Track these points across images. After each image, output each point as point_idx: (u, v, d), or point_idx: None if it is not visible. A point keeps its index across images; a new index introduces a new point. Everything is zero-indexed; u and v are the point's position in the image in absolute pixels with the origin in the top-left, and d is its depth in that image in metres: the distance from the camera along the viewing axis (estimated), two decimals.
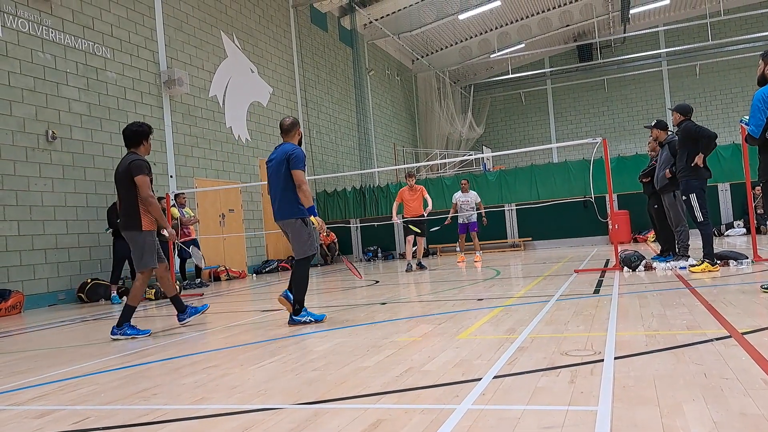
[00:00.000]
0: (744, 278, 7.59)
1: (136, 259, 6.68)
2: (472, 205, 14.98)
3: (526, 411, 2.85)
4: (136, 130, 6.69)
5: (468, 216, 14.94)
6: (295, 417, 3.07)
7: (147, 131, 6.73)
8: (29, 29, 11.92)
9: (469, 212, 14.92)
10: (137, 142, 6.69)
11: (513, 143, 35.20)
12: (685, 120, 8.75)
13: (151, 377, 4.41)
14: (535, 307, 6.30)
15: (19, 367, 5.29)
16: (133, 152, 6.68)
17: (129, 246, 6.77)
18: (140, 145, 6.71)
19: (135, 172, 6.43)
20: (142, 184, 6.43)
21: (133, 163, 6.47)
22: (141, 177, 6.43)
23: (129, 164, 6.49)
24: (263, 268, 17.86)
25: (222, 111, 17.41)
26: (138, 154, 6.65)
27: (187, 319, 7.14)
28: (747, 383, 2.99)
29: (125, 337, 6.41)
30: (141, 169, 6.45)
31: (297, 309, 6.28)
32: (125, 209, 6.58)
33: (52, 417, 3.45)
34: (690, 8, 31.91)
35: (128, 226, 6.58)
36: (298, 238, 6.37)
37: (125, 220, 6.60)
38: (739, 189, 17.83)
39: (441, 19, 28.12)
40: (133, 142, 6.69)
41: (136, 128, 6.71)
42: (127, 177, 6.48)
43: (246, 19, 18.93)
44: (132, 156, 6.60)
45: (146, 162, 6.59)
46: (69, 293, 12.24)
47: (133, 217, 6.52)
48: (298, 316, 6.29)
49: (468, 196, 15.04)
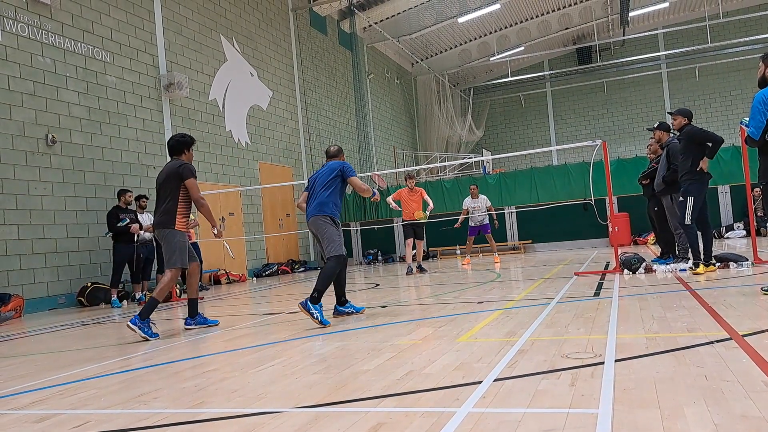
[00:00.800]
0: (744, 280, 7.59)
1: (167, 257, 6.92)
2: (483, 210, 15.02)
3: (527, 414, 2.84)
4: (179, 140, 7.15)
5: (480, 219, 15.02)
6: (296, 421, 3.07)
7: (189, 141, 7.21)
8: (29, 33, 11.93)
9: (481, 216, 14.99)
10: (180, 151, 7.13)
11: (513, 146, 35.21)
12: (688, 124, 8.73)
13: (151, 381, 4.40)
14: (535, 309, 6.30)
15: (19, 371, 5.29)
16: (177, 159, 7.11)
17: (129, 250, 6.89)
18: (183, 154, 7.14)
19: (186, 175, 6.85)
20: (193, 186, 6.86)
21: (183, 167, 6.89)
22: (192, 180, 6.86)
23: (179, 167, 6.89)
24: (263, 272, 17.85)
25: (222, 114, 17.42)
26: (182, 160, 7.09)
27: (193, 327, 7.18)
28: (748, 386, 2.99)
29: (140, 332, 6.51)
30: (192, 173, 6.90)
31: (315, 297, 6.34)
32: (165, 209, 6.89)
33: (52, 421, 3.45)
34: (689, 11, 31.95)
35: (163, 224, 6.88)
36: (327, 239, 6.74)
37: (161, 218, 6.90)
38: (739, 191, 17.84)
39: (440, 22, 28.14)
40: (176, 151, 7.13)
41: (179, 138, 7.18)
42: (176, 178, 6.87)
43: (245, 23, 18.95)
44: (179, 161, 7.02)
45: (194, 167, 7.03)
46: (69, 297, 12.23)
47: (170, 217, 6.85)
48: (312, 305, 6.33)
49: (478, 201, 15.07)
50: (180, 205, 6.88)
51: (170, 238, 6.84)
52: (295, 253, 20.52)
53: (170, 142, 7.21)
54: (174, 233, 6.84)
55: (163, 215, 6.89)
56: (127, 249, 11.85)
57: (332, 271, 6.64)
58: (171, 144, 7.19)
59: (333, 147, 7.45)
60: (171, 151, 7.20)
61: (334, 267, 6.67)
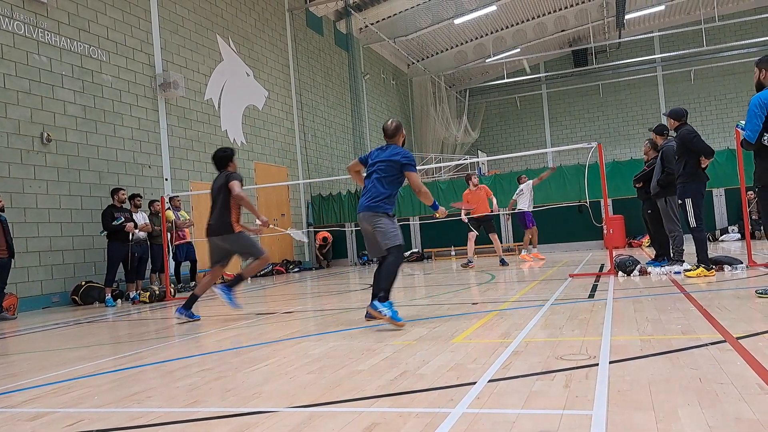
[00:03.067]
0: (739, 283, 7.61)
1: (247, 252, 7.85)
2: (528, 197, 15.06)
3: (521, 415, 2.85)
4: (222, 155, 7.85)
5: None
6: (290, 420, 3.06)
7: (230, 155, 7.88)
8: (25, 31, 11.90)
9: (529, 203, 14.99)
10: (225, 163, 7.82)
11: (508, 147, 35.22)
12: (681, 125, 8.72)
13: (145, 380, 4.39)
14: (530, 311, 6.30)
15: (12, 370, 5.27)
16: (224, 171, 7.77)
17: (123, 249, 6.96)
18: (228, 165, 7.82)
19: (232, 178, 7.53)
20: (236, 185, 7.49)
21: (231, 174, 7.62)
22: (235, 182, 7.51)
23: (227, 176, 7.59)
24: (258, 272, 17.77)
25: (217, 114, 17.40)
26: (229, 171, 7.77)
27: (183, 317, 7.70)
28: (742, 388, 2.99)
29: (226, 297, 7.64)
30: (237, 177, 7.62)
31: (383, 296, 5.93)
32: (219, 217, 7.58)
33: (45, 420, 3.43)
34: (685, 14, 32.02)
35: (222, 230, 7.57)
36: (383, 231, 6.26)
37: (218, 227, 7.59)
38: (734, 194, 17.88)
39: (437, 23, 28.15)
40: (222, 164, 7.83)
41: (222, 153, 7.87)
42: (226, 187, 7.53)
43: (242, 23, 18.93)
44: (227, 172, 7.72)
45: (240, 175, 7.75)
46: (63, 296, 12.20)
47: (226, 223, 7.55)
48: (383, 303, 5.88)
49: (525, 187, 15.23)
50: (233, 212, 7.57)
51: (240, 240, 7.63)
52: (290, 253, 20.50)
53: (215, 158, 7.88)
54: (239, 235, 7.61)
55: (219, 224, 7.56)
56: (122, 248, 11.82)
57: (395, 266, 6.19)
58: (216, 159, 7.86)
59: (391, 123, 6.61)
60: (218, 166, 7.86)
61: (396, 261, 6.20)
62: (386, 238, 6.24)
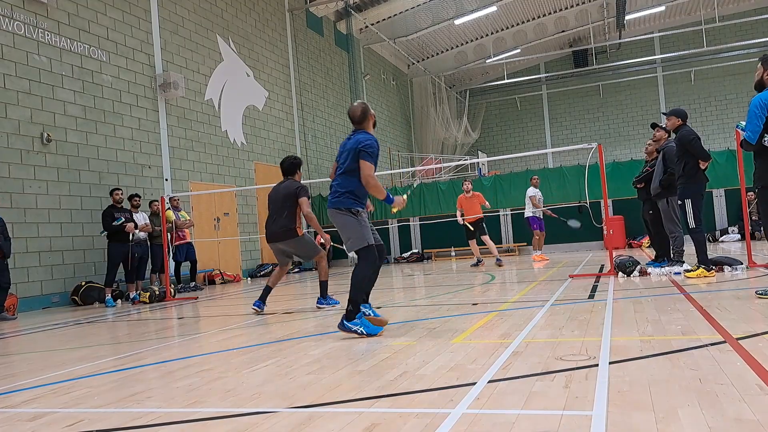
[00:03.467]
0: (738, 284, 7.61)
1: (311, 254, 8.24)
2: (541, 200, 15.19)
3: (521, 415, 2.84)
4: (292, 162, 8.13)
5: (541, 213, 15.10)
6: (290, 420, 3.06)
7: (299, 163, 8.21)
8: (25, 32, 11.90)
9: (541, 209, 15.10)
10: (293, 171, 8.11)
11: (508, 148, 35.21)
12: (682, 125, 8.70)
13: (145, 380, 4.39)
14: (529, 311, 6.30)
15: (12, 370, 5.27)
16: (290, 179, 8.08)
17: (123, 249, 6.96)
18: (295, 174, 8.12)
19: (302, 194, 7.88)
20: (305, 203, 7.88)
21: (301, 189, 7.92)
22: (305, 198, 7.89)
23: (297, 189, 7.89)
24: (258, 272, 17.82)
25: (217, 115, 17.39)
26: (296, 181, 8.07)
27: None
28: (742, 389, 2.99)
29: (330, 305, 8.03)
30: (306, 192, 7.98)
31: (350, 312, 5.38)
32: (285, 223, 7.91)
33: (45, 420, 3.43)
34: (685, 14, 32.03)
35: (288, 235, 7.94)
36: (344, 230, 5.67)
37: (284, 232, 7.94)
38: (734, 195, 17.89)
39: (437, 24, 28.15)
40: (290, 172, 8.11)
41: (293, 160, 8.16)
42: (293, 197, 7.87)
43: (242, 23, 18.93)
44: (295, 183, 8.01)
45: (307, 187, 8.14)
46: (63, 296, 12.20)
47: (292, 228, 7.93)
48: (350, 322, 5.37)
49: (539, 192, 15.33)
50: (297, 218, 7.97)
51: (304, 242, 8.08)
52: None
53: (284, 164, 8.14)
54: (303, 238, 8.05)
55: (285, 230, 7.91)
56: (122, 248, 11.82)
57: (363, 275, 5.52)
58: (286, 166, 8.12)
59: (357, 108, 5.97)
60: (286, 172, 8.12)
61: (364, 267, 5.54)
62: (350, 239, 5.63)
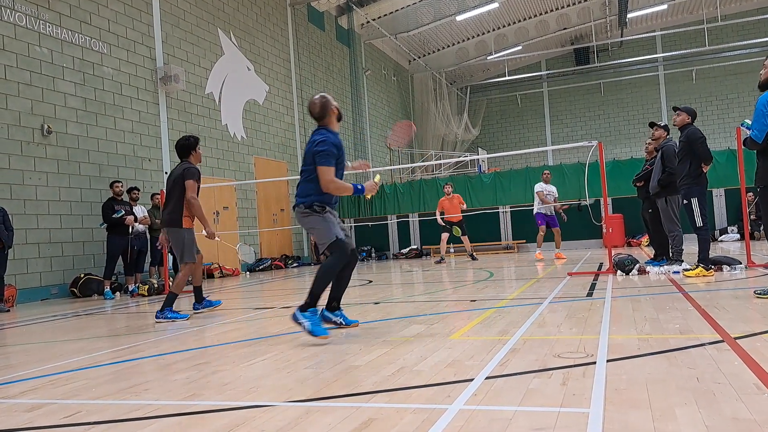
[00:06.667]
0: (737, 283, 7.61)
1: (178, 254, 7.53)
2: (555, 197, 14.83)
3: (518, 412, 2.85)
4: (183, 143, 7.63)
5: (550, 209, 14.73)
6: (287, 414, 3.06)
7: (193, 143, 7.66)
8: (26, 23, 11.88)
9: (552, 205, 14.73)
10: (187, 153, 7.61)
11: (508, 145, 35.22)
12: (689, 124, 8.66)
13: (142, 373, 4.40)
14: (527, 309, 6.30)
15: (10, 361, 5.27)
16: (186, 161, 7.58)
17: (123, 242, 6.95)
18: (190, 155, 7.62)
19: (187, 176, 7.34)
20: (190, 187, 7.33)
21: (187, 170, 7.40)
22: (190, 181, 7.34)
23: (184, 170, 7.38)
24: (257, 266, 17.82)
25: (218, 108, 17.38)
26: (190, 163, 7.57)
27: (201, 310, 7.80)
28: (739, 388, 2.99)
29: (167, 320, 7.09)
30: (193, 174, 7.39)
31: (306, 304, 5.19)
32: (171, 208, 7.41)
33: (42, 411, 3.44)
34: (687, 13, 31.99)
35: (171, 223, 7.42)
36: (313, 232, 5.59)
37: (169, 217, 7.43)
38: (734, 194, 17.90)
39: (438, 20, 28.12)
40: (183, 153, 7.62)
41: (184, 141, 7.65)
42: (180, 180, 7.37)
43: (243, 17, 18.90)
44: (186, 164, 7.51)
45: (198, 170, 7.52)
46: (62, 288, 12.20)
47: (177, 216, 7.38)
48: (302, 314, 5.17)
49: (551, 187, 14.88)
50: (186, 208, 7.39)
51: (179, 237, 7.42)
52: (289, 248, 20.50)
53: (177, 146, 7.68)
54: (181, 231, 7.40)
55: (171, 215, 7.40)
56: (121, 241, 11.83)
57: (329, 268, 5.34)
58: (177, 148, 7.67)
59: (315, 103, 5.49)
60: (179, 154, 7.66)
61: (332, 262, 5.35)
62: (318, 237, 5.48)
